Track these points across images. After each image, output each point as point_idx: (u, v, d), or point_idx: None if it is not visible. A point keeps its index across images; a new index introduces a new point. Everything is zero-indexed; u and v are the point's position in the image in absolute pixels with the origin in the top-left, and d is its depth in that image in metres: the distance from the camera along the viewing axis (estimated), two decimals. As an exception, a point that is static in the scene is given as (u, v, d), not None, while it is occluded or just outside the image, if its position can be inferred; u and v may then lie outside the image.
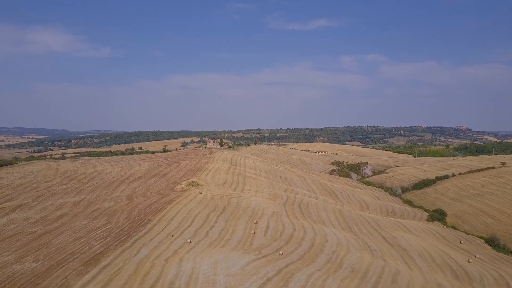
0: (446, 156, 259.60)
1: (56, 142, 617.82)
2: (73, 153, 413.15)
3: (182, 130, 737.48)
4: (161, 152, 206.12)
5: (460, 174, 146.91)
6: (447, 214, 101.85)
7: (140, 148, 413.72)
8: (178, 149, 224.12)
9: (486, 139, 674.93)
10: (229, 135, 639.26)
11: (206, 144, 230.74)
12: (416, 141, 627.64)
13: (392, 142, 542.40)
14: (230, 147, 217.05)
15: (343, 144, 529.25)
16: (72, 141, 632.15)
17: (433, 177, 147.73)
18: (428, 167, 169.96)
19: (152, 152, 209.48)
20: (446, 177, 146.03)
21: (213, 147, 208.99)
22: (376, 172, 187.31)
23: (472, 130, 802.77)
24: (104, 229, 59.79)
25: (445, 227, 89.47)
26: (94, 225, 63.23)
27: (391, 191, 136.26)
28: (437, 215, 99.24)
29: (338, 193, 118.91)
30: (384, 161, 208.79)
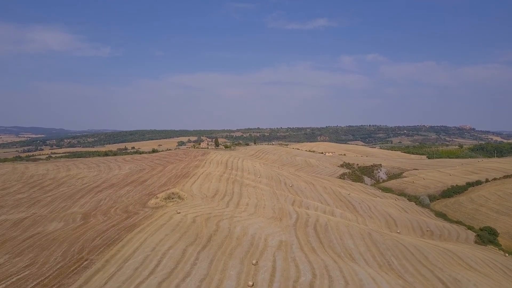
0: (463, 157, 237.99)
1: (48, 142, 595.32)
2: (62, 152, 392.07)
3: (179, 130, 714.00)
4: (148, 153, 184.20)
5: (495, 179, 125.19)
6: (498, 234, 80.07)
7: (133, 147, 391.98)
8: (170, 150, 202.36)
9: (491, 138, 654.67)
10: (228, 134, 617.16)
11: (200, 144, 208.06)
12: (420, 140, 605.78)
13: (400, 142, 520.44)
14: (226, 147, 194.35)
15: (346, 143, 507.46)
16: (65, 140, 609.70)
17: (463, 183, 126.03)
18: (453, 171, 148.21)
19: (140, 153, 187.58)
20: (478, 183, 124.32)
21: (207, 147, 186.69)
22: (391, 176, 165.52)
23: (476, 129, 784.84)
24: (15, 279, 37.93)
25: (507, 254, 67.64)
26: (7, 270, 41.33)
27: (416, 200, 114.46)
28: (487, 235, 77.54)
29: (357, 205, 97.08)
30: (398, 163, 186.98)
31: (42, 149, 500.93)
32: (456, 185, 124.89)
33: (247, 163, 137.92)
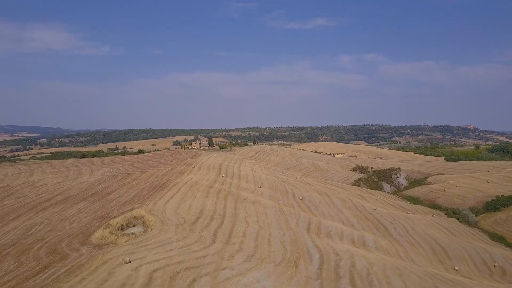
0: (484, 159, 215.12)
1: (38, 141, 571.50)
2: (50, 152, 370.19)
3: (176, 129, 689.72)
4: (133, 154, 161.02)
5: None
6: None
7: (125, 147, 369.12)
8: (158, 150, 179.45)
9: (497, 138, 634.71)
10: (226, 133, 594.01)
11: (191, 144, 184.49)
12: (426, 140, 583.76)
13: (408, 142, 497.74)
14: (222, 147, 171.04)
15: (349, 143, 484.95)
16: (57, 139, 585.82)
17: (509, 192, 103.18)
18: (489, 177, 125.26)
19: (123, 154, 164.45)
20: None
21: (199, 148, 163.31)
22: (413, 182, 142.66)
23: (480, 129, 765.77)
24: None
25: None
26: None
27: (457, 215, 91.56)
28: None
29: (389, 225, 74.00)
30: (418, 166, 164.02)
31: (32, 149, 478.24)
32: (502, 195, 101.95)
33: (245, 167, 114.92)
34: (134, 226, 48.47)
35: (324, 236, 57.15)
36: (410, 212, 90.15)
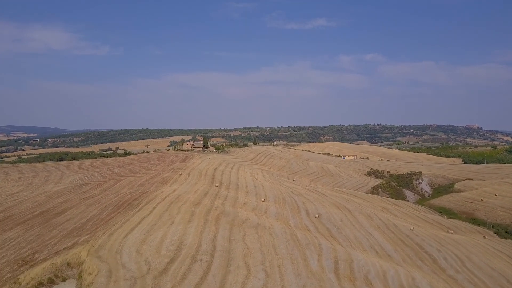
0: (507, 162, 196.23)
1: (31, 141, 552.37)
2: (39, 153, 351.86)
3: (173, 129, 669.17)
4: (117, 156, 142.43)
5: None
6: None
7: (117, 148, 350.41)
8: (147, 152, 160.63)
9: (502, 138, 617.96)
10: (225, 133, 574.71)
11: (183, 145, 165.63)
12: (430, 140, 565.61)
13: (417, 142, 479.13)
14: (218, 148, 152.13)
15: (351, 143, 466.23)
16: (49, 140, 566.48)
17: None
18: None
19: (107, 157, 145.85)
20: None
21: (192, 150, 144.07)
22: (437, 188, 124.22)
23: (484, 129, 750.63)
24: None
25: None
26: None
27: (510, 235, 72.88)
28: None
29: (435, 253, 55.28)
30: (440, 170, 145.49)
31: (23, 149, 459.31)
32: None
33: (244, 173, 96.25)
34: (63, 281, 29.91)
35: (362, 282, 38.48)
36: (452, 232, 71.58)
